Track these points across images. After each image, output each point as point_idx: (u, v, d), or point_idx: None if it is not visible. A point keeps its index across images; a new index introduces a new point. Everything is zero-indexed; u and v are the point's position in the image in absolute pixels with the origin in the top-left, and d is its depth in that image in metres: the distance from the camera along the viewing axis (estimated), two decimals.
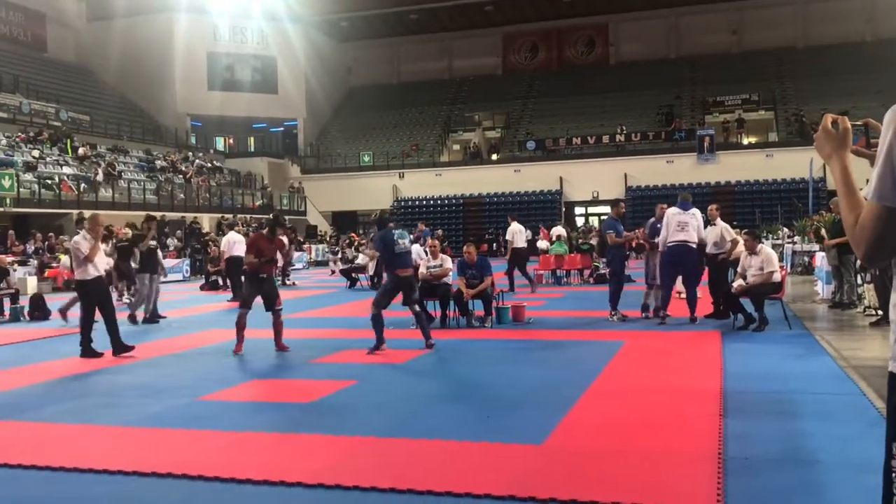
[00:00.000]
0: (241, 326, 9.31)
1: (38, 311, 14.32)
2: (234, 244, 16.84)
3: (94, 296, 9.42)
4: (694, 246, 10.86)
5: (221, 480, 4.57)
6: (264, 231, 10.09)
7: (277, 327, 9.48)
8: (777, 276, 10.22)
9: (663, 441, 5.16)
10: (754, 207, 33.67)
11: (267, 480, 4.51)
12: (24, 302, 14.96)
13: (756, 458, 4.73)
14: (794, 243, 20.78)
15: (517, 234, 17.73)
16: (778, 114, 42.04)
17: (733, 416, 5.69)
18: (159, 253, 14.81)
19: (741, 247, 11.45)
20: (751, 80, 43.14)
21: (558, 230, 26.63)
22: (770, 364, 7.88)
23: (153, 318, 13.22)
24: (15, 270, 19.23)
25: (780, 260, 11.99)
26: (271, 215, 10.55)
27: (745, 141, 41.37)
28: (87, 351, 9.34)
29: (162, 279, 14.60)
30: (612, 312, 11.40)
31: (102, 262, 9.69)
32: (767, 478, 4.40)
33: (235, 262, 16.76)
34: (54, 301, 15.86)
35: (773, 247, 17.77)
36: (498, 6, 46.53)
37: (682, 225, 10.82)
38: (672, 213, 10.96)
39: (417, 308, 9.57)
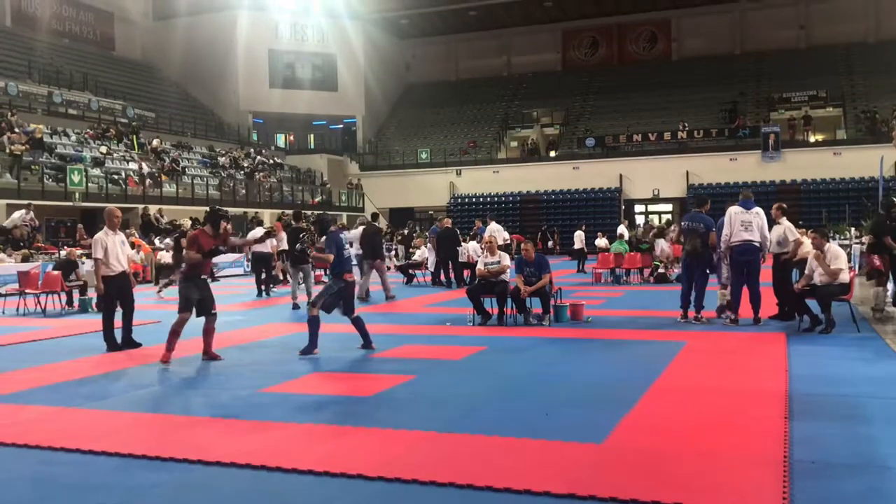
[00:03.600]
0: (177, 333, 8.57)
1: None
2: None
3: (115, 290, 9.69)
4: (758, 245, 10.63)
5: (283, 471, 4.65)
6: (205, 226, 9.09)
7: (209, 334, 8.73)
8: (845, 276, 9.94)
9: (727, 442, 5.07)
10: (821, 207, 32.81)
11: (328, 472, 4.57)
12: (92, 294, 15.38)
13: (823, 462, 4.62)
14: (863, 244, 20.18)
15: (495, 233, 18.39)
16: (847, 110, 40.85)
17: (799, 419, 5.56)
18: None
19: (805, 248, 11.18)
20: (819, 75, 42.03)
21: (620, 229, 26.41)
22: (837, 367, 7.68)
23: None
24: (83, 263, 19.78)
25: (848, 261, 11.64)
26: (209, 208, 9.59)
27: (812, 138, 40.31)
28: (111, 343, 9.65)
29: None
30: (697, 316, 11.06)
31: (124, 258, 9.83)
32: (835, 483, 4.29)
33: (259, 258, 17.18)
34: None
35: (841, 248, 17.27)
36: (557, 2, 46.26)
37: (745, 224, 10.59)
38: (735, 212, 10.71)
39: (355, 315, 9.09)
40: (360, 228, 16.98)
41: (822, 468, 4.52)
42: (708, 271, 11.15)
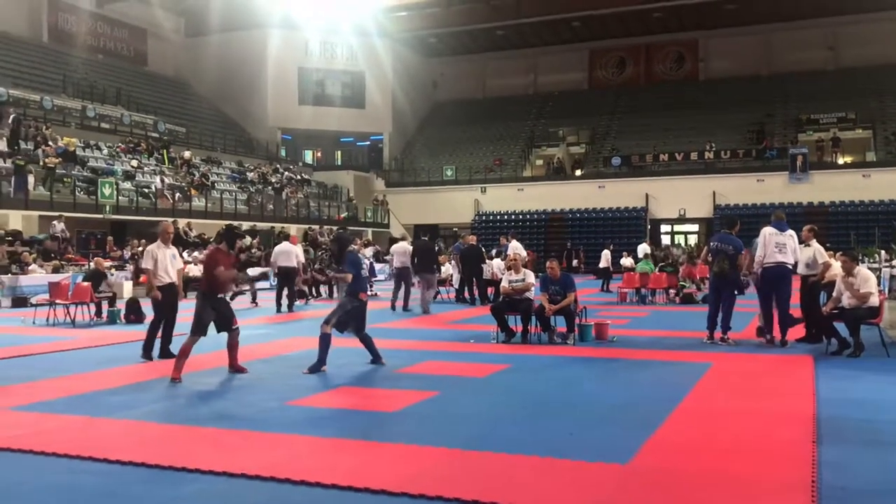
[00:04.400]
0: (186, 354, 8.39)
1: (134, 314, 14.87)
2: (283, 255, 17.21)
3: (163, 300, 9.90)
4: (791, 268, 10.58)
5: (308, 484, 4.67)
6: (221, 244, 9.05)
7: (233, 349, 8.74)
8: (875, 300, 9.82)
9: (754, 465, 5.02)
10: (849, 229, 32.44)
11: (352, 486, 4.58)
12: (120, 305, 15.56)
13: (853, 489, 4.56)
14: (893, 267, 19.92)
15: (515, 251, 18.17)
16: (877, 132, 40.45)
17: (828, 444, 5.48)
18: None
19: (833, 270, 11.06)
20: (848, 97, 41.72)
21: (643, 247, 26.20)
22: (867, 391, 7.58)
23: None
24: (112, 275, 20.01)
25: (878, 284, 11.50)
26: (224, 226, 9.69)
27: (841, 160, 39.93)
28: (148, 353, 9.83)
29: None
30: (724, 337, 10.91)
31: (173, 270, 10.13)
32: None
33: (284, 273, 17.14)
34: (149, 305, 16.47)
35: (870, 271, 17.07)
36: (585, 22, 46.31)
37: (780, 246, 10.55)
38: (770, 233, 10.64)
39: (364, 335, 9.09)
40: (403, 244, 17.78)
41: (852, 495, 4.46)
42: (736, 293, 11.06)
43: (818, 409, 6.60)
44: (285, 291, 17.31)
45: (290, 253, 17.37)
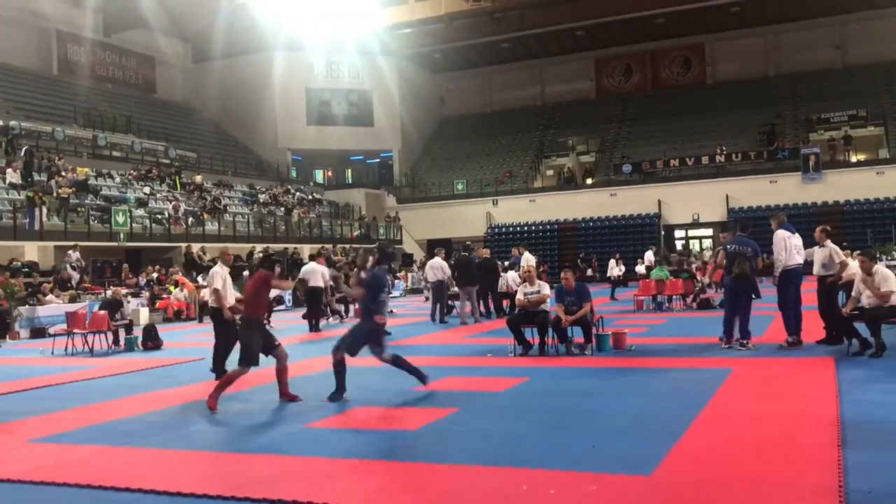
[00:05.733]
0: (229, 383, 8.16)
1: (151, 340, 14.93)
2: (314, 274, 17.32)
3: (227, 323, 10.07)
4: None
5: None
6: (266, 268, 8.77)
7: (283, 373, 8.44)
8: (895, 299, 9.72)
9: (779, 472, 4.96)
10: (865, 227, 32.22)
11: None
12: (137, 332, 15.63)
13: (880, 492, 4.50)
14: None
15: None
16: (889, 129, 40.20)
17: (853, 447, 5.42)
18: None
19: (850, 269, 10.99)
20: (858, 95, 41.52)
21: (648, 255, 26.01)
22: (890, 392, 7.50)
23: None
24: (128, 302, 20.11)
25: None
26: (263, 251, 10.24)
27: (854, 158, 39.69)
28: (221, 374, 9.84)
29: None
30: (743, 342, 10.84)
31: (232, 294, 10.43)
32: None
33: (314, 294, 17.27)
34: (166, 332, 16.56)
35: (889, 269, 16.93)
36: (589, 31, 46.36)
37: (797, 248, 10.72)
38: (787, 236, 10.70)
39: (390, 357, 8.45)
40: (438, 259, 18.29)
41: (880, 498, 4.40)
42: (753, 296, 11.00)
43: (842, 411, 6.54)
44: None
45: (318, 273, 17.50)
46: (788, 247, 10.62)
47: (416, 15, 44.31)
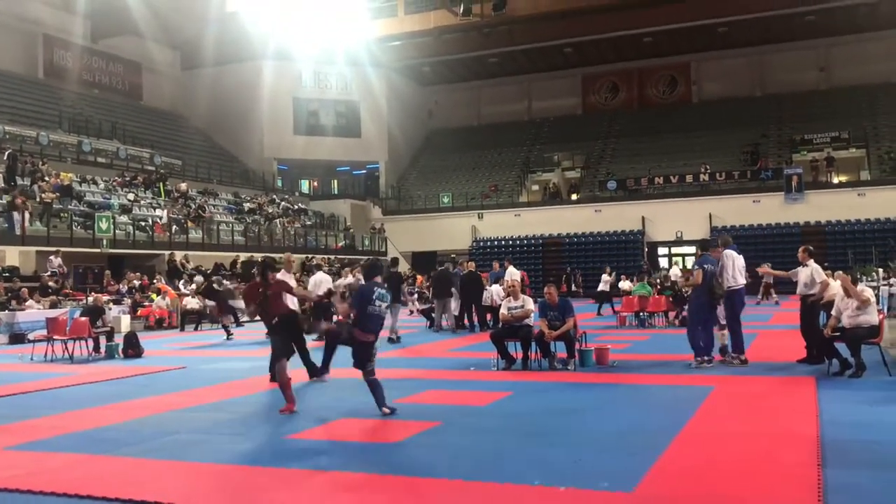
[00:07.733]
0: (287, 382, 8.29)
1: (132, 348, 14.79)
2: (321, 284, 17.15)
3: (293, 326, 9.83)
4: None
5: None
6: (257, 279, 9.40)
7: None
8: (874, 319, 9.80)
9: (760, 490, 4.98)
10: (846, 248, 32.46)
11: None
12: (118, 340, 15.50)
13: None
14: (891, 285, 19.92)
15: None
16: (870, 151, 40.65)
17: (833, 466, 5.45)
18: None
19: (832, 289, 11.08)
20: (841, 117, 41.99)
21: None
22: (870, 412, 7.54)
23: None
24: (110, 309, 19.95)
25: (878, 303, 11.49)
26: (260, 259, 10.16)
27: (836, 179, 40.09)
28: (325, 371, 9.76)
29: None
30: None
31: (294, 299, 10.56)
32: None
33: (320, 305, 17.06)
34: (147, 339, 16.43)
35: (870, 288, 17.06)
36: (577, 48, 46.65)
37: (741, 269, 11.02)
38: (735, 256, 11.01)
39: (372, 377, 7.97)
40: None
41: None
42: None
43: (822, 431, 6.57)
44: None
45: (325, 283, 17.35)
46: (736, 266, 10.94)
47: (406, 28, 44.40)
